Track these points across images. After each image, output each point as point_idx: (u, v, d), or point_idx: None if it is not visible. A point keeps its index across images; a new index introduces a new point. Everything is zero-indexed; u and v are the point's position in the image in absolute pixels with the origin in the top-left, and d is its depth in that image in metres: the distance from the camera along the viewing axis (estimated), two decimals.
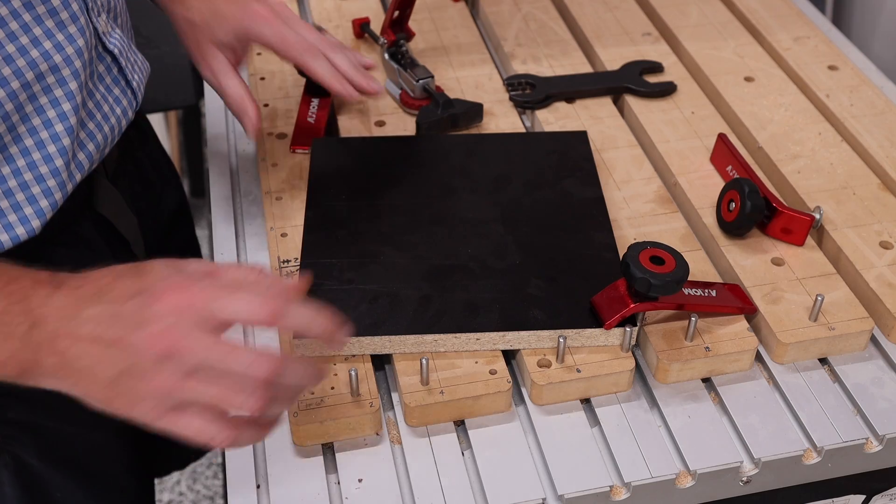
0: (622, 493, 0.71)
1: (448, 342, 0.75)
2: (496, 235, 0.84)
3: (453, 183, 0.90)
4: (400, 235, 0.84)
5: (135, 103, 0.84)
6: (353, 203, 0.88)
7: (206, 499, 1.81)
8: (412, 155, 0.94)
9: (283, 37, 0.87)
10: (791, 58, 1.11)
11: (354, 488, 0.70)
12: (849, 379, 0.78)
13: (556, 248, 0.83)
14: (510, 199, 0.88)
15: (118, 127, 0.81)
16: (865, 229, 0.88)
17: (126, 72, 0.82)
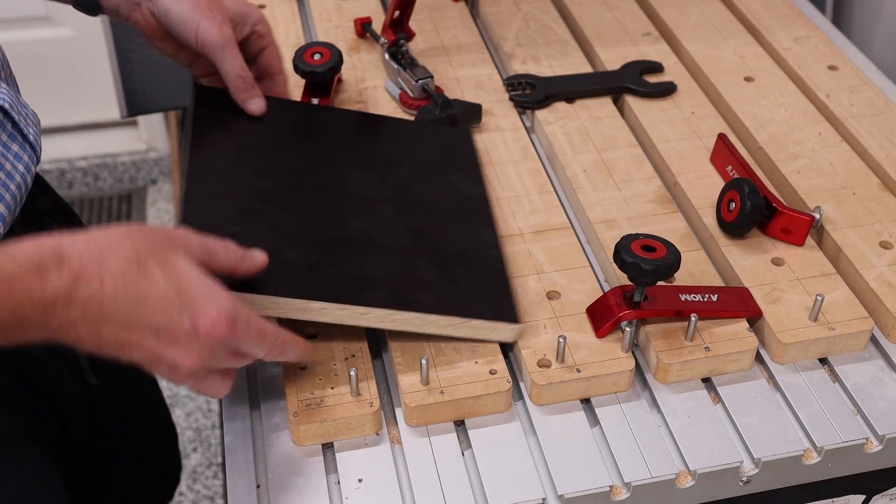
0: (622, 493, 0.71)
1: (333, 313, 0.72)
2: (385, 215, 0.81)
3: (343, 156, 0.87)
4: (287, 197, 0.79)
5: (35, 158, 0.81)
6: (239, 157, 0.83)
7: (206, 499, 1.81)
8: (302, 121, 0.90)
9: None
10: (791, 58, 1.11)
11: (354, 488, 0.70)
12: (849, 379, 0.78)
13: (443, 237, 0.81)
14: (399, 183, 0.85)
15: (24, 184, 0.78)
16: (865, 229, 0.88)
17: (20, 126, 0.79)
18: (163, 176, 2.47)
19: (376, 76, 1.09)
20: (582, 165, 0.96)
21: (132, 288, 0.61)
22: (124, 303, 0.61)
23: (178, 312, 0.62)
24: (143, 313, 0.62)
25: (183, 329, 0.62)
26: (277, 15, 1.19)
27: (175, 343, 0.63)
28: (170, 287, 0.62)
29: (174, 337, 0.63)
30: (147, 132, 2.48)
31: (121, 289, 0.61)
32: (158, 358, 0.63)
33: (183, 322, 0.62)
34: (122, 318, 0.61)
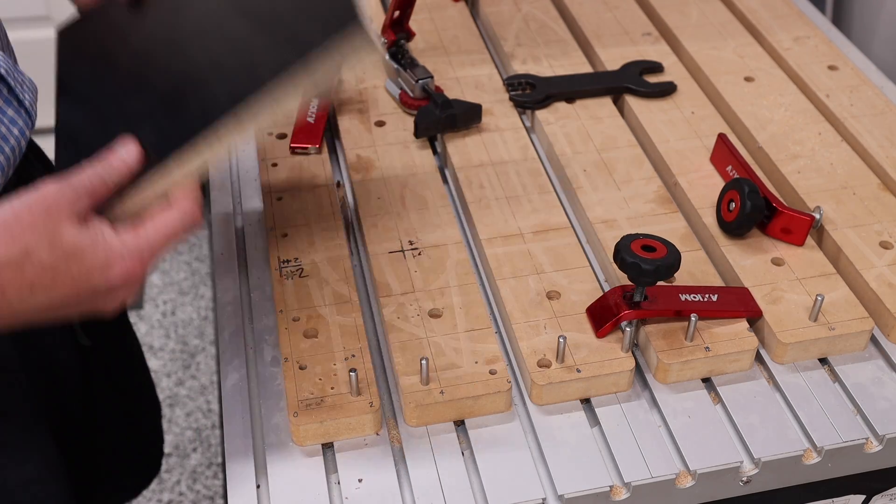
0: (622, 493, 0.71)
1: (204, 151, 0.72)
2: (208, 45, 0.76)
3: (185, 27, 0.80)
4: (133, 95, 0.77)
5: (30, 123, 0.82)
6: (98, 84, 0.82)
7: (206, 499, 1.81)
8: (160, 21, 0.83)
9: None
10: (791, 58, 1.11)
11: (354, 488, 0.70)
12: (849, 379, 0.78)
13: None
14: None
15: (18, 148, 0.80)
16: (865, 229, 0.88)
17: (16, 91, 0.81)
18: None
19: (376, 76, 1.09)
20: (582, 165, 0.96)
21: (38, 289, 0.63)
22: (36, 302, 0.64)
23: (88, 285, 0.65)
24: (57, 299, 0.65)
25: (100, 290, 0.66)
26: None
27: (101, 298, 0.66)
28: (70, 267, 0.64)
29: (94, 299, 0.66)
30: None
31: (26, 293, 0.63)
32: (93, 311, 0.67)
33: (98, 287, 0.66)
34: (40, 306, 0.64)
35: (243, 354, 0.80)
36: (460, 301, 0.81)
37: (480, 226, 0.89)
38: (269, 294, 0.85)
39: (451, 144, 0.99)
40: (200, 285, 2.22)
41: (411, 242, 0.87)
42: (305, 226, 0.89)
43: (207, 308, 2.15)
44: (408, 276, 0.84)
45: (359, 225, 0.91)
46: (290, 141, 0.98)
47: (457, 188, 0.95)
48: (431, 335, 0.78)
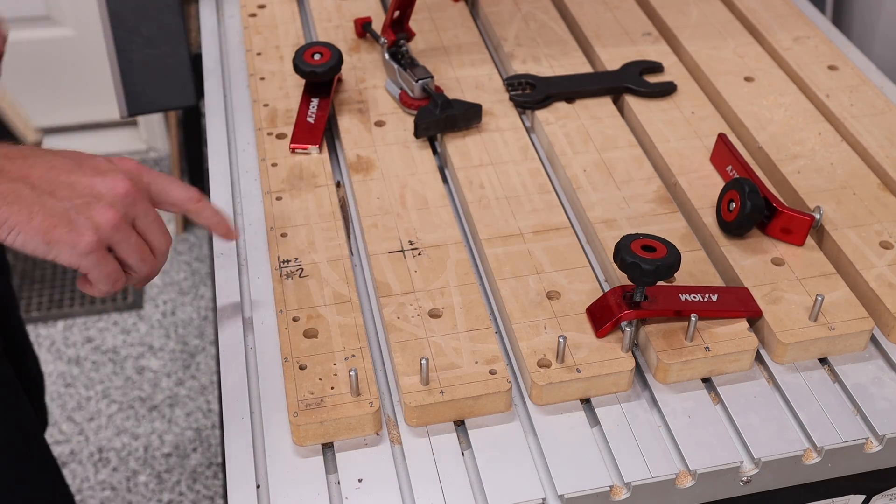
0: (622, 493, 0.71)
1: None
2: None
3: None
4: None
5: None
6: None
7: (206, 499, 1.81)
8: None
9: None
10: (791, 58, 1.11)
11: (354, 488, 0.70)
12: (849, 379, 0.78)
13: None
14: None
15: None
16: (865, 229, 0.88)
17: None
18: None
19: (376, 76, 1.09)
20: (582, 165, 0.96)
21: (42, 152, 0.70)
22: (41, 154, 0.69)
23: (90, 157, 0.71)
24: (60, 156, 0.70)
25: (101, 162, 0.70)
26: (277, 15, 1.19)
27: (100, 173, 0.70)
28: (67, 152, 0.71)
29: (96, 167, 0.70)
30: (147, 132, 2.48)
31: (30, 150, 0.69)
32: (91, 189, 0.69)
33: (98, 160, 0.70)
34: (43, 161, 0.69)
35: (243, 354, 0.80)
36: (460, 301, 0.81)
37: (480, 226, 0.89)
38: (269, 294, 0.85)
39: (451, 144, 0.99)
40: (200, 285, 2.22)
41: (411, 242, 0.87)
42: (305, 226, 0.89)
43: (207, 308, 2.15)
44: (408, 276, 0.84)
45: (359, 225, 0.91)
46: (290, 141, 0.98)
47: (457, 188, 0.95)
48: (431, 335, 0.78)
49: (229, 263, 0.88)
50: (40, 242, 0.67)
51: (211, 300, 2.16)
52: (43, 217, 0.67)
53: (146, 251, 0.73)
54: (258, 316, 0.83)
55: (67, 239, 0.68)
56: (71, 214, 0.68)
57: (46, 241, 0.67)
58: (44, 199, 0.68)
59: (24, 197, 0.67)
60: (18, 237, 0.67)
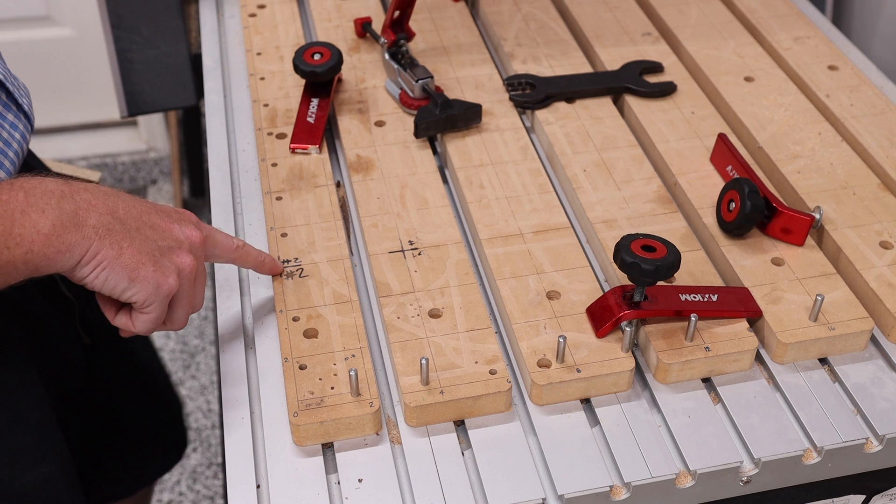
0: (622, 493, 0.71)
1: None
2: None
3: None
4: None
5: (30, 127, 0.83)
6: None
7: (206, 499, 1.81)
8: None
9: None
10: (791, 58, 1.11)
11: (354, 488, 0.70)
12: (849, 379, 0.78)
13: None
14: None
15: (21, 152, 0.80)
16: (865, 229, 0.88)
17: (15, 96, 0.81)
18: (163, 176, 2.47)
19: (376, 76, 1.09)
20: (582, 165, 0.96)
21: (118, 192, 0.70)
22: (117, 193, 0.69)
23: (162, 206, 0.71)
24: (133, 197, 0.69)
25: (171, 209, 0.71)
26: (277, 15, 1.19)
27: (176, 220, 0.70)
28: (145, 203, 0.71)
29: (169, 214, 0.71)
30: (147, 132, 2.48)
31: (107, 189, 0.69)
32: (171, 233, 0.69)
33: (166, 206, 0.71)
34: (123, 200, 0.68)
35: (243, 354, 0.80)
36: (460, 301, 0.81)
37: (480, 226, 0.89)
38: (269, 294, 0.85)
39: (451, 144, 0.99)
40: None
41: (411, 242, 0.87)
42: (305, 226, 0.89)
43: (207, 308, 2.15)
44: (408, 276, 0.84)
45: (359, 225, 0.91)
46: (290, 141, 0.98)
47: (457, 188, 0.95)
48: (431, 335, 0.78)
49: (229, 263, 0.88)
50: (125, 279, 0.66)
51: (211, 300, 2.16)
52: (131, 253, 0.66)
53: (191, 309, 0.73)
54: (258, 316, 0.83)
55: (153, 278, 0.67)
56: (156, 254, 0.68)
57: (132, 279, 0.66)
58: (132, 234, 0.67)
59: (114, 231, 0.66)
60: (103, 273, 0.66)
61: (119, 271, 0.66)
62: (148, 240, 0.68)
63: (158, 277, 0.67)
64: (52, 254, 0.63)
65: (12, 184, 0.64)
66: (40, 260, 0.63)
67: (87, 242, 0.64)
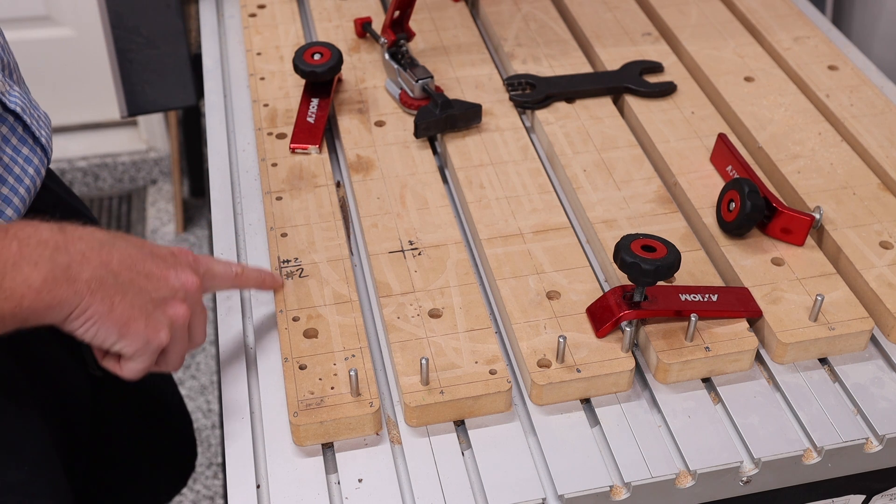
0: (622, 493, 0.71)
1: None
2: None
3: None
4: None
5: (46, 160, 0.82)
6: None
7: (206, 499, 1.81)
8: None
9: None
10: (791, 58, 1.11)
11: (354, 488, 0.70)
12: (849, 379, 0.78)
13: None
14: None
15: (33, 188, 0.79)
16: (865, 229, 0.88)
17: (32, 129, 0.80)
18: (163, 176, 2.47)
19: (376, 76, 1.09)
20: (582, 165, 0.96)
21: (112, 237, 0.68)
22: (113, 240, 0.67)
23: (155, 247, 0.70)
24: (130, 242, 0.68)
25: (166, 253, 0.69)
26: (277, 15, 1.19)
27: (171, 265, 0.69)
28: (139, 242, 0.70)
29: (164, 258, 0.69)
30: (147, 132, 2.48)
31: (102, 234, 0.67)
32: (166, 282, 0.68)
33: (162, 249, 0.69)
34: (119, 248, 0.66)
35: (243, 354, 0.80)
36: (460, 301, 0.81)
37: (480, 226, 0.89)
38: (269, 294, 0.85)
39: (451, 144, 0.99)
40: None
41: (411, 242, 0.87)
42: (305, 226, 0.89)
43: (207, 308, 2.15)
44: (408, 276, 0.84)
45: (359, 225, 0.91)
46: (290, 141, 0.98)
47: (457, 188, 0.95)
48: (431, 335, 0.78)
49: None
50: (114, 333, 0.65)
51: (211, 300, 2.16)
52: (123, 308, 0.65)
53: (187, 349, 0.72)
54: (258, 316, 0.83)
55: (143, 333, 0.66)
56: (149, 308, 0.66)
57: (122, 334, 0.65)
58: (125, 287, 0.65)
59: (107, 285, 0.64)
60: (93, 327, 0.64)
61: (109, 326, 0.64)
62: (142, 292, 0.66)
63: (149, 333, 0.66)
64: (42, 308, 0.62)
65: (6, 231, 0.62)
66: (29, 314, 0.62)
67: (79, 297, 0.63)
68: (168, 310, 0.68)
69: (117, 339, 0.65)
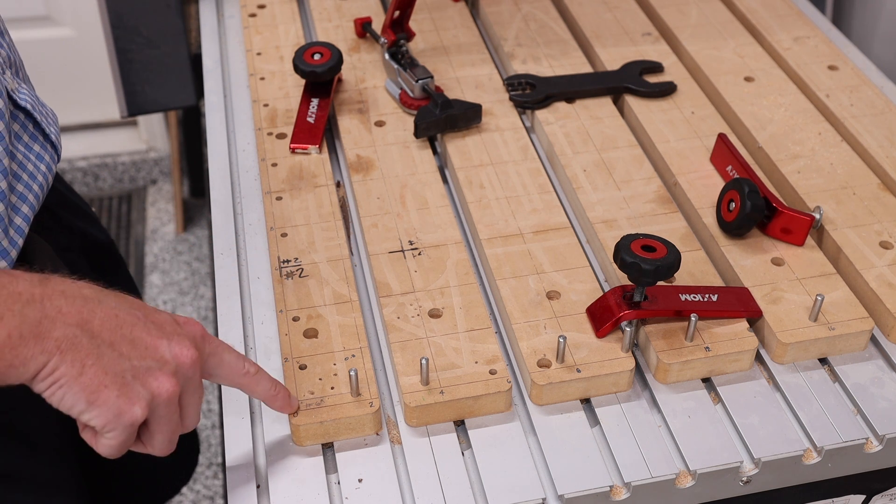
0: (622, 493, 0.71)
1: None
2: None
3: None
4: None
5: (56, 157, 0.81)
6: None
7: (206, 499, 1.81)
8: None
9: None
10: (791, 58, 1.11)
11: (354, 488, 0.70)
12: (849, 379, 0.78)
13: None
14: None
15: (46, 184, 0.78)
16: (865, 229, 0.88)
17: (42, 125, 0.79)
18: (163, 176, 2.47)
19: (376, 76, 1.09)
20: (582, 165, 0.96)
21: (104, 294, 0.61)
22: (102, 298, 0.61)
23: (156, 312, 0.63)
24: (124, 302, 0.61)
25: (167, 321, 0.63)
26: (277, 15, 1.19)
27: (167, 335, 0.62)
28: (136, 303, 0.63)
29: (162, 326, 0.62)
30: (147, 132, 2.48)
31: (91, 290, 0.61)
32: (154, 351, 0.61)
33: (165, 316, 0.63)
34: (105, 306, 0.60)
35: (243, 354, 0.80)
36: (460, 301, 0.81)
37: (480, 226, 0.89)
38: (269, 294, 0.85)
39: (451, 144, 0.99)
40: (200, 285, 2.22)
41: (411, 242, 0.87)
42: (305, 226, 0.89)
43: (207, 308, 2.15)
44: (408, 276, 0.84)
45: (359, 225, 0.91)
46: (290, 141, 0.98)
47: (457, 188, 0.95)
48: (431, 335, 0.78)
49: (229, 263, 0.88)
50: (82, 401, 0.58)
51: (211, 300, 2.16)
52: (94, 373, 0.58)
53: (177, 431, 0.64)
54: (258, 316, 0.83)
55: (114, 405, 0.59)
56: (127, 377, 0.59)
57: (90, 402, 0.58)
58: (102, 350, 0.59)
59: (79, 347, 0.58)
60: (58, 392, 0.58)
61: (77, 392, 0.58)
62: (121, 358, 0.59)
63: (121, 404, 0.59)
64: (3, 367, 0.56)
65: None
66: None
67: (46, 357, 0.57)
68: (150, 382, 0.60)
69: (85, 407, 0.59)
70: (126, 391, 0.59)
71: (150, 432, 0.63)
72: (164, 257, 2.26)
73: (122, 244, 2.28)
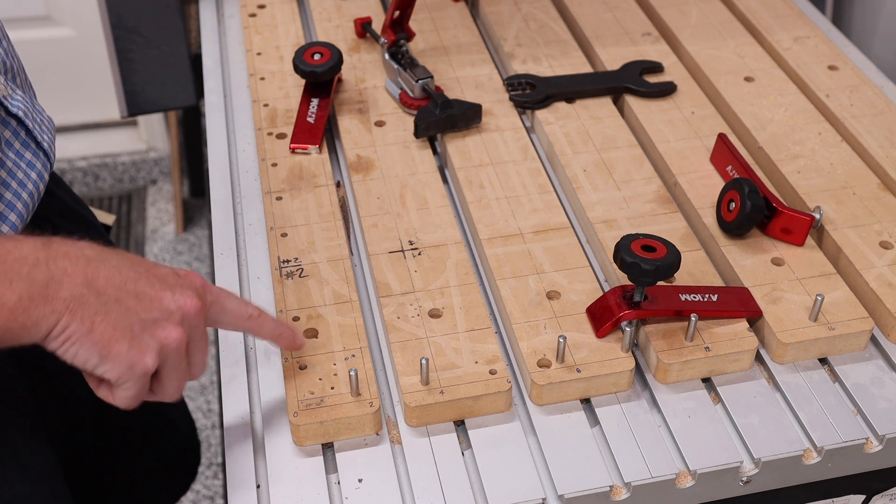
0: (622, 493, 0.71)
1: None
2: None
3: None
4: None
5: (48, 166, 0.80)
6: None
7: (206, 499, 1.81)
8: None
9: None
10: (791, 58, 1.11)
11: (354, 488, 0.70)
12: (849, 379, 0.78)
13: None
14: None
15: (37, 193, 0.78)
16: (865, 229, 0.88)
17: (34, 133, 0.79)
18: (163, 176, 2.47)
19: (376, 76, 1.09)
20: (582, 165, 0.96)
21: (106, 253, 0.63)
22: (105, 257, 0.63)
23: (157, 266, 0.65)
24: (126, 260, 0.64)
25: (169, 274, 0.65)
26: (277, 15, 1.19)
27: (169, 286, 0.64)
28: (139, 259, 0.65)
29: (164, 279, 0.65)
30: (147, 132, 2.48)
31: (93, 250, 0.63)
32: (159, 303, 0.63)
33: (166, 270, 0.65)
34: (108, 265, 0.62)
35: (243, 355, 0.80)
36: (460, 301, 0.81)
37: (480, 226, 0.89)
38: (269, 294, 0.85)
39: (451, 144, 0.99)
40: None
41: (411, 242, 0.87)
42: (305, 226, 0.89)
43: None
44: (408, 276, 0.84)
45: (359, 225, 0.91)
46: (290, 141, 0.98)
47: (457, 188, 0.95)
48: (431, 335, 0.78)
49: (229, 263, 0.88)
50: (95, 355, 0.61)
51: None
52: (105, 328, 0.61)
53: (186, 378, 0.67)
54: None
55: (126, 356, 0.61)
56: (135, 329, 0.62)
57: (103, 356, 0.61)
58: (109, 307, 0.61)
59: (88, 305, 0.60)
60: (72, 348, 0.60)
61: (89, 347, 0.60)
62: (128, 312, 0.62)
63: (133, 355, 0.62)
64: (17, 328, 0.58)
65: None
66: (3, 333, 0.59)
67: (56, 316, 0.59)
68: (158, 332, 0.63)
69: (99, 361, 0.61)
70: (136, 343, 0.62)
71: (160, 381, 0.66)
72: (164, 257, 2.26)
73: (122, 244, 2.28)
